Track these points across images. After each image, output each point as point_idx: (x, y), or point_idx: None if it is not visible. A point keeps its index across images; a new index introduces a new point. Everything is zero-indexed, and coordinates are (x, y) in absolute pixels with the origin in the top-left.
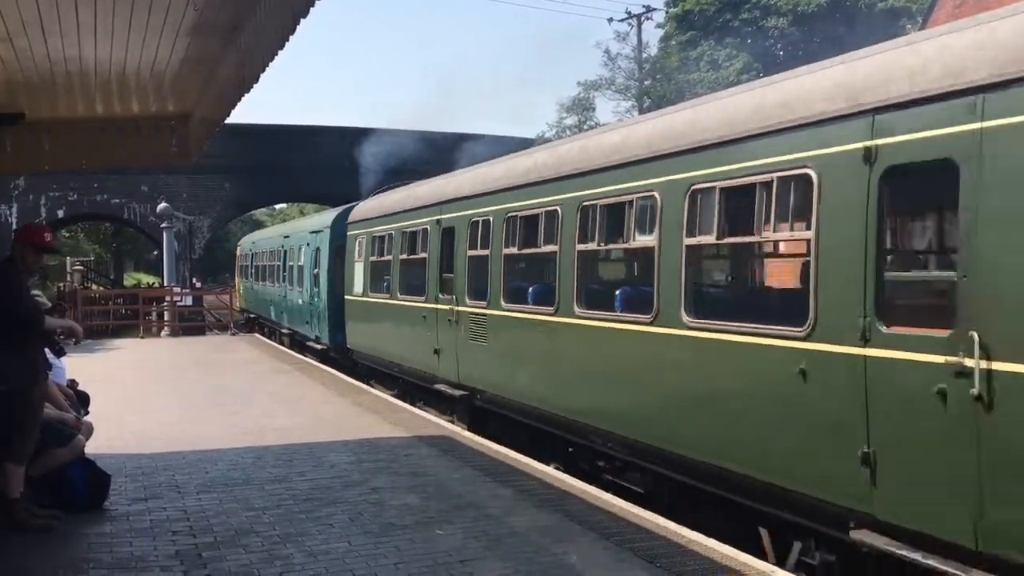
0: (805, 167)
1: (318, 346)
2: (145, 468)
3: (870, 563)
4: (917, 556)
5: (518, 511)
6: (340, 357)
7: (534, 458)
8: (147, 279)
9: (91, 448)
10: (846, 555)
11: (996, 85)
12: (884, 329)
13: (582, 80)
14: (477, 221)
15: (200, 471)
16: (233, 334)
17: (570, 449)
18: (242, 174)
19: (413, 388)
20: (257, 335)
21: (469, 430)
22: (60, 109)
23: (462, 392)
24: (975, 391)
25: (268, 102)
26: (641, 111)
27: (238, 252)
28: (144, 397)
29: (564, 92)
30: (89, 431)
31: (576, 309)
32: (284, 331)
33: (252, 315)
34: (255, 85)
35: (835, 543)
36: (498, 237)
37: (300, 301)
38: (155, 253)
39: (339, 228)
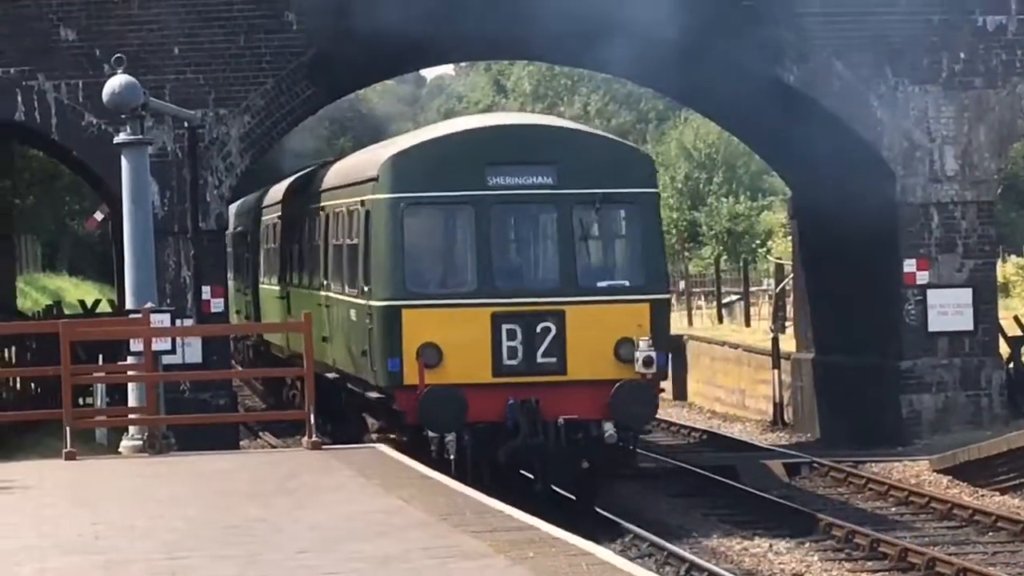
0: (364, 204)
1: None
2: None
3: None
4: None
5: None
6: None
7: None
8: (78, 292)
9: None
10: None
11: (369, 180)
12: (366, 288)
13: None
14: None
15: None
16: (316, 444)
17: None
18: None
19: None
20: (386, 448)
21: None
22: None
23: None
24: (368, 315)
25: None
26: None
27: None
28: None
29: None
30: None
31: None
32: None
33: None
34: None
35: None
36: None
37: None
38: (100, 217)
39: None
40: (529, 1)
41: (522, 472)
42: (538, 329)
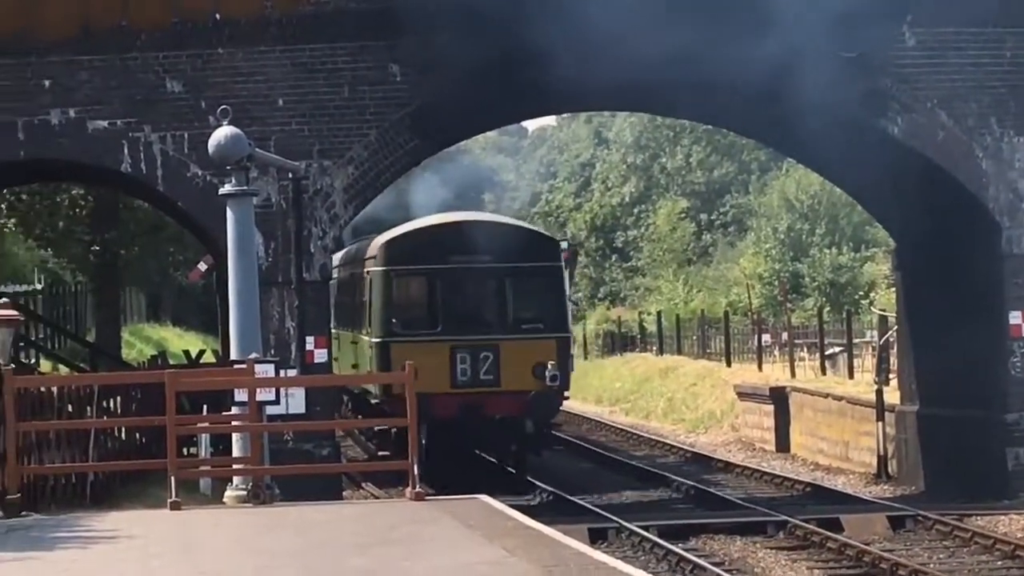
0: (368, 274)
1: None
2: None
3: None
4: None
5: None
6: None
7: None
8: (182, 343)
9: None
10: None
11: (371, 257)
12: (368, 329)
13: None
14: None
15: None
16: (419, 495)
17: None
18: (447, 29)
19: None
20: (489, 499)
21: None
22: None
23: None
24: (371, 348)
25: None
26: None
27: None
28: None
29: None
30: None
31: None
32: None
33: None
34: None
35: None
36: None
37: None
38: (204, 268)
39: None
40: (633, 52)
41: (475, 451)
42: (481, 357)
